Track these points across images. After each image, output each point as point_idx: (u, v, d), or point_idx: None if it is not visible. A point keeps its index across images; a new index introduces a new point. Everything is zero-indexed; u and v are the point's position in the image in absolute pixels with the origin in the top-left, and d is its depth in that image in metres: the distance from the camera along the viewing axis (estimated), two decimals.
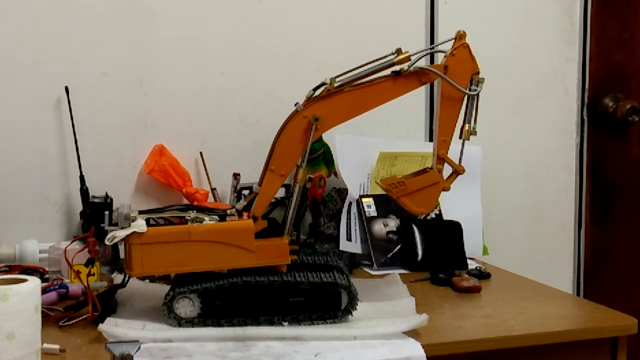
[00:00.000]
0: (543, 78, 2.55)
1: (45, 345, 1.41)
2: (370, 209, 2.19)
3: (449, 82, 1.65)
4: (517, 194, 2.56)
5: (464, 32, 1.68)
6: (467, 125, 1.69)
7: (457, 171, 1.70)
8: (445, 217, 2.25)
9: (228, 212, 1.65)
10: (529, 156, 2.55)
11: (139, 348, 1.30)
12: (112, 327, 1.51)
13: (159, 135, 2.20)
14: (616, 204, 2.68)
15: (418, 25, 2.42)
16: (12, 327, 1.29)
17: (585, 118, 2.61)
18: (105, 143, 2.16)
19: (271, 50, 2.29)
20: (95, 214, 1.60)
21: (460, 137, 1.69)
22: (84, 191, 2.05)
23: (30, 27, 2.10)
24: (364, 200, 2.19)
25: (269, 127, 2.26)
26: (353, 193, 2.18)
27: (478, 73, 1.67)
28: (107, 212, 1.60)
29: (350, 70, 1.67)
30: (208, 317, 1.57)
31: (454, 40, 1.68)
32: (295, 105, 1.65)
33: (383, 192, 2.22)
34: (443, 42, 1.69)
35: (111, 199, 2.00)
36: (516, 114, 2.51)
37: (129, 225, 1.56)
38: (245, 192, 2.04)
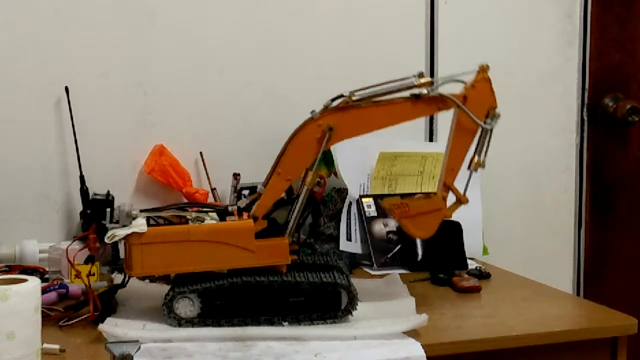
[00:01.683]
0: (543, 78, 2.55)
1: (45, 345, 1.41)
2: (370, 209, 2.19)
3: (467, 114, 1.66)
4: (517, 194, 2.56)
5: (487, 65, 1.68)
6: (476, 157, 1.71)
7: (461, 201, 1.71)
8: None
9: (229, 208, 1.65)
10: (529, 156, 2.55)
11: (139, 348, 1.30)
12: (112, 327, 1.51)
13: (159, 135, 2.20)
14: (616, 204, 2.67)
15: (418, 25, 2.41)
16: (12, 327, 1.29)
17: (585, 118, 2.61)
18: (105, 143, 2.16)
19: (271, 50, 2.29)
20: (96, 211, 1.60)
21: (468, 168, 1.70)
22: (84, 191, 2.05)
23: (30, 27, 2.09)
24: (364, 200, 2.19)
25: (269, 127, 2.28)
26: (353, 193, 2.18)
27: (495, 108, 1.68)
28: (108, 209, 1.60)
29: (371, 87, 1.66)
30: (208, 317, 1.57)
31: (476, 72, 1.68)
32: (311, 112, 1.64)
33: (383, 192, 2.24)
34: (465, 74, 1.69)
35: (112, 197, 2.00)
36: (516, 114, 2.50)
37: (130, 223, 1.56)
38: (245, 192, 2.03)
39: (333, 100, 1.65)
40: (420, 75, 1.68)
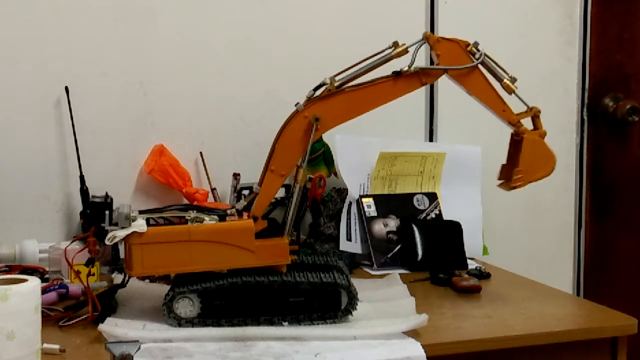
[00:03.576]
0: (543, 78, 2.55)
1: (45, 345, 1.41)
2: (370, 209, 2.19)
3: (455, 69, 1.66)
4: (517, 194, 2.53)
5: (428, 33, 1.70)
6: (504, 81, 1.71)
7: (533, 111, 1.73)
8: (445, 217, 2.25)
9: (228, 212, 1.65)
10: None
11: (139, 348, 1.30)
12: (112, 327, 1.51)
13: (159, 135, 2.20)
14: (616, 204, 2.68)
15: (418, 25, 2.41)
16: (12, 327, 1.29)
17: (585, 118, 2.61)
18: (105, 143, 2.16)
19: (271, 50, 2.29)
20: (95, 214, 1.60)
21: (509, 93, 1.71)
22: (84, 191, 2.05)
23: (30, 27, 2.10)
24: (364, 200, 2.19)
25: (269, 127, 2.26)
26: (353, 193, 2.18)
27: (468, 44, 1.69)
28: (107, 212, 1.60)
29: (349, 68, 1.67)
30: (208, 317, 1.57)
31: (425, 44, 1.69)
32: (295, 105, 1.65)
33: (383, 192, 2.24)
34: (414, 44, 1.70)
35: (111, 199, 1.99)
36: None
37: (129, 225, 1.56)
38: (245, 192, 2.03)
39: (315, 89, 1.65)
40: (395, 44, 1.68)
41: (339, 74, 1.66)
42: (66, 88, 2.09)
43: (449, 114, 2.45)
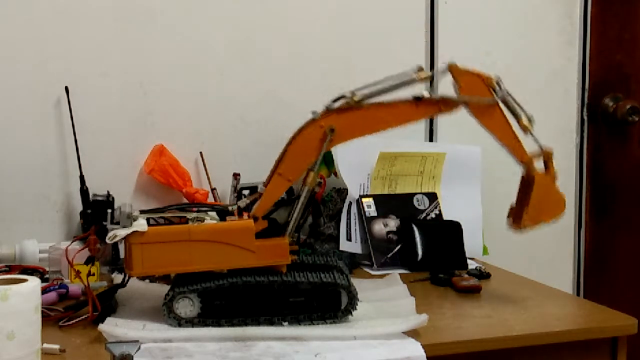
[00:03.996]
0: (543, 78, 2.55)
1: (45, 345, 1.41)
2: (370, 209, 2.19)
3: (475, 102, 1.68)
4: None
5: (454, 63, 1.70)
6: (521, 119, 1.72)
7: (548, 154, 1.73)
8: (445, 217, 2.25)
9: (230, 208, 1.65)
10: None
11: (139, 348, 1.30)
12: (112, 327, 1.51)
13: (159, 135, 2.20)
14: (616, 204, 2.67)
15: (418, 25, 2.42)
16: (12, 327, 1.29)
17: (585, 118, 2.61)
18: (105, 143, 2.16)
19: (271, 50, 2.29)
20: (97, 212, 1.60)
21: (525, 133, 1.72)
22: (84, 191, 2.05)
23: (30, 27, 2.10)
24: (364, 200, 2.19)
25: (269, 127, 2.29)
26: (353, 193, 2.18)
27: (491, 79, 1.70)
28: (109, 210, 1.60)
29: (371, 85, 1.67)
30: (208, 317, 1.57)
31: (450, 74, 1.70)
32: (312, 113, 1.64)
33: (383, 192, 2.24)
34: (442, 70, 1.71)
35: (113, 198, 2.00)
36: None
37: (131, 224, 1.56)
38: (246, 192, 2.04)
39: (334, 101, 1.65)
40: (420, 69, 1.69)
41: (360, 89, 1.65)
42: (66, 88, 2.09)
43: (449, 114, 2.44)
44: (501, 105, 1.71)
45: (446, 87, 1.74)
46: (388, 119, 1.67)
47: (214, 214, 1.64)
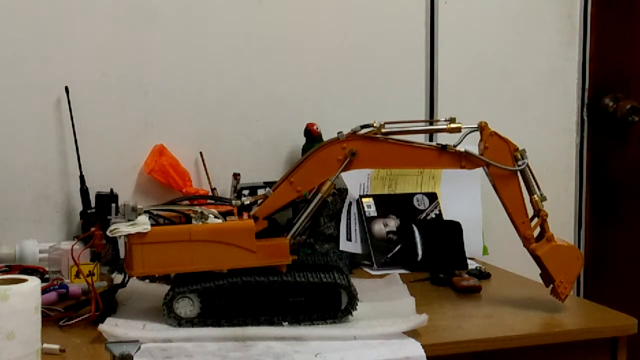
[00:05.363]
0: (543, 78, 2.55)
1: (45, 345, 1.41)
2: (370, 209, 2.19)
3: (497, 166, 1.69)
4: None
5: (485, 122, 1.71)
6: (534, 196, 1.73)
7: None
8: (445, 217, 2.25)
9: (233, 202, 1.65)
10: (529, 156, 2.54)
11: (139, 348, 1.30)
12: (112, 327, 1.51)
13: (159, 135, 2.20)
14: (616, 204, 2.67)
15: (418, 25, 2.42)
16: (12, 327, 1.29)
17: (585, 118, 2.61)
18: (105, 143, 2.16)
19: (271, 50, 2.29)
20: (101, 207, 1.59)
21: (534, 209, 1.73)
22: (84, 191, 2.05)
23: (30, 27, 2.10)
24: (364, 200, 2.19)
25: (269, 127, 2.29)
26: (353, 193, 2.18)
27: (517, 149, 1.72)
28: (113, 205, 1.60)
29: (401, 122, 1.70)
30: (208, 317, 1.57)
31: (479, 131, 1.71)
32: (338, 133, 1.65)
33: (383, 192, 2.24)
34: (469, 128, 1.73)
35: (116, 194, 2.00)
36: (516, 114, 2.50)
37: (136, 218, 1.56)
38: (246, 192, 2.04)
39: (362, 127, 1.67)
40: (452, 120, 1.72)
41: (389, 122, 1.67)
42: (66, 88, 2.09)
43: (449, 114, 2.44)
44: (519, 176, 1.72)
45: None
46: (410, 159, 1.69)
47: (216, 212, 1.64)
